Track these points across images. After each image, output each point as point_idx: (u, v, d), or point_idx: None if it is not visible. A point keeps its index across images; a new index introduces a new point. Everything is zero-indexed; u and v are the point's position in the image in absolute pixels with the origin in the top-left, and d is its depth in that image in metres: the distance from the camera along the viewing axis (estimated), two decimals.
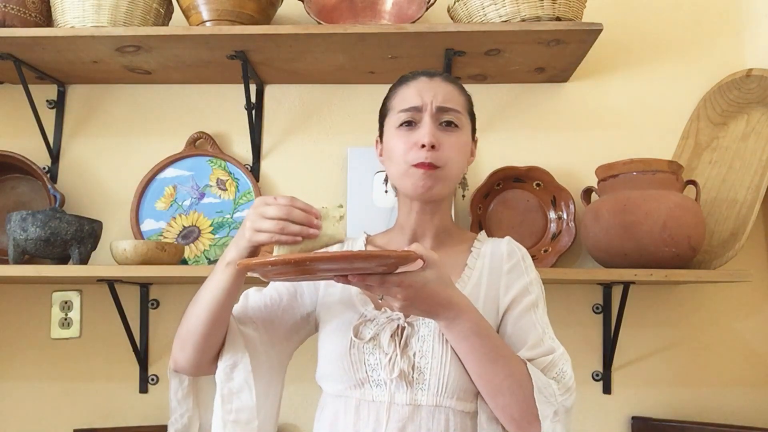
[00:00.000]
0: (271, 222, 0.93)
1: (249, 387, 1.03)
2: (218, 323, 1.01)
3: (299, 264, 0.85)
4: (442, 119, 1.09)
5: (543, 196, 1.68)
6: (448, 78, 1.15)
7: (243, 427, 1.02)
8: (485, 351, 0.96)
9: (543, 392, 0.96)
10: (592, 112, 1.75)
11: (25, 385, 1.72)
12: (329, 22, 1.60)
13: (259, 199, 0.97)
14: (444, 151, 1.07)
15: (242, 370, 1.03)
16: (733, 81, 1.67)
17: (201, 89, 1.81)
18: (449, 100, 1.10)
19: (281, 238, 0.93)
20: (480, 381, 0.97)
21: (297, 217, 0.94)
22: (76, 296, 1.73)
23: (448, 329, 0.96)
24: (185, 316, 1.03)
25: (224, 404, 1.02)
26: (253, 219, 0.95)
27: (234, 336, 1.05)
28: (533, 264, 1.13)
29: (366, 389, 1.02)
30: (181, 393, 1.08)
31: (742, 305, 1.68)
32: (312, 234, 0.94)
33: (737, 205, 1.56)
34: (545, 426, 0.94)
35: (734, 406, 1.65)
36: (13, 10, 1.57)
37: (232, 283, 0.98)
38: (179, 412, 1.09)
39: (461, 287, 1.07)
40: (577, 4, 1.52)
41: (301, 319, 1.13)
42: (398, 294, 0.90)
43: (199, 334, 1.01)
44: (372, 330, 1.03)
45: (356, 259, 0.85)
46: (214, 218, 1.73)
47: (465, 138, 1.12)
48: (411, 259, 0.88)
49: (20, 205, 1.74)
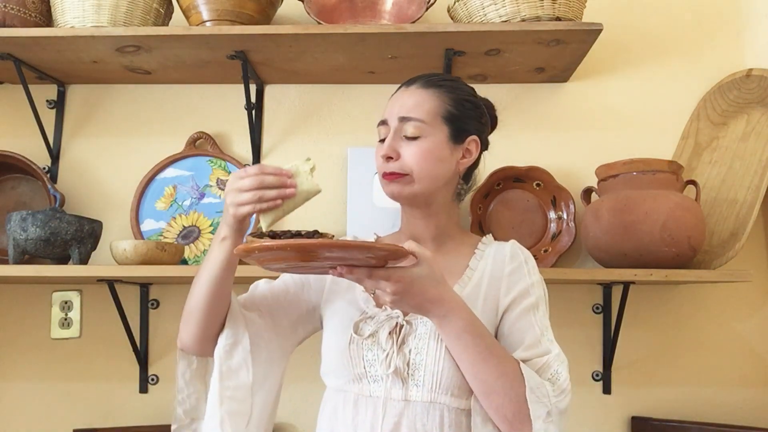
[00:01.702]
0: (248, 194, 0.97)
1: (247, 367, 1.08)
2: (218, 298, 1.05)
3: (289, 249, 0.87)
4: (404, 131, 1.10)
5: (543, 196, 1.68)
6: (428, 83, 1.14)
7: (239, 404, 1.06)
8: (478, 350, 0.97)
9: (535, 392, 0.96)
10: (592, 112, 1.75)
11: (25, 385, 1.72)
12: (329, 22, 1.60)
13: (232, 175, 1.02)
14: (405, 159, 1.09)
15: (241, 350, 1.08)
16: (733, 81, 1.67)
17: (201, 89, 1.81)
18: (413, 110, 1.10)
19: (261, 206, 0.98)
20: (473, 380, 0.98)
21: (270, 182, 0.98)
22: (76, 296, 1.73)
23: (441, 327, 0.98)
24: (188, 296, 1.08)
25: (222, 381, 1.06)
26: (231, 196, 0.99)
27: (235, 316, 1.09)
28: (537, 268, 1.13)
29: (364, 384, 1.05)
30: (189, 374, 1.13)
31: (742, 305, 1.68)
32: (289, 194, 0.99)
33: (737, 205, 1.56)
34: (537, 426, 0.95)
35: (734, 406, 1.65)
36: (13, 10, 1.57)
37: (227, 257, 1.03)
38: (186, 392, 1.13)
39: (461, 287, 1.09)
40: (577, 4, 1.52)
41: (306, 313, 1.17)
42: (387, 288, 0.92)
43: (200, 310, 1.05)
44: (371, 327, 1.06)
45: (346, 248, 0.88)
46: (214, 218, 1.73)
47: (428, 145, 1.09)
48: (400, 253, 0.90)
49: (20, 205, 1.74)
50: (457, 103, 1.14)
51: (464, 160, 1.15)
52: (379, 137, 1.14)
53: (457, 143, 1.13)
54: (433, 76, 1.17)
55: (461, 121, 1.14)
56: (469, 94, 1.18)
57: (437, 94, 1.13)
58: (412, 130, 1.09)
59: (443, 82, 1.15)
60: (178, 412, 1.13)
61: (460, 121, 1.13)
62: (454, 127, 1.12)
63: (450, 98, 1.13)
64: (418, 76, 1.17)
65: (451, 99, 1.13)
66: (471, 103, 1.16)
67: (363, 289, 1.11)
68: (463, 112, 1.14)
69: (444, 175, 1.12)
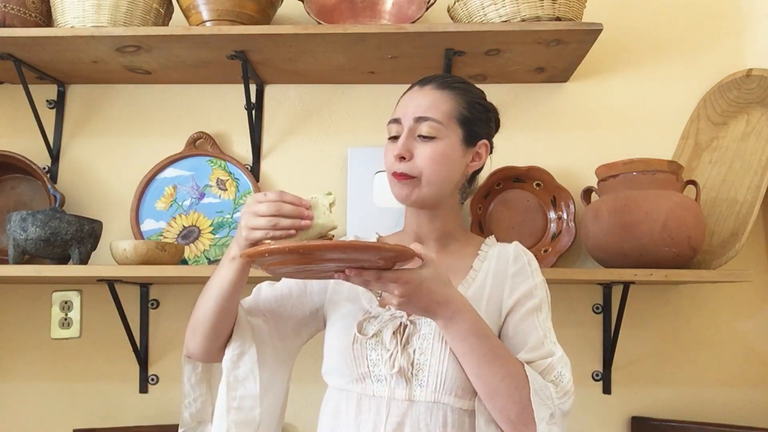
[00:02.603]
0: (264, 219, 0.97)
1: (254, 376, 1.08)
2: (225, 314, 1.06)
3: (296, 252, 0.86)
4: (419, 130, 1.09)
5: (543, 196, 1.68)
6: (443, 84, 1.13)
7: (245, 414, 1.07)
8: (483, 352, 0.97)
9: (539, 394, 0.96)
10: (592, 112, 1.75)
11: (25, 385, 1.72)
12: (329, 22, 1.60)
13: (251, 197, 1.01)
14: (417, 161, 1.08)
15: (248, 360, 1.08)
16: (733, 81, 1.67)
17: (201, 89, 1.81)
18: (429, 110, 1.09)
19: (275, 233, 0.97)
20: (478, 382, 0.98)
21: (287, 211, 0.97)
22: (76, 296, 1.73)
23: (446, 329, 0.98)
24: (195, 306, 1.08)
25: (229, 391, 1.07)
26: (246, 218, 0.99)
27: (242, 327, 1.09)
28: (540, 269, 1.13)
29: (367, 384, 1.04)
30: (195, 378, 1.14)
31: (742, 305, 1.68)
32: (304, 225, 0.98)
33: (737, 205, 1.56)
34: (541, 428, 0.95)
35: (734, 406, 1.65)
36: (13, 10, 1.57)
37: (236, 276, 1.03)
38: (192, 396, 1.14)
39: (465, 288, 1.09)
40: (577, 4, 1.52)
41: (310, 314, 1.17)
42: (395, 290, 0.92)
43: (207, 324, 1.06)
44: (375, 326, 1.06)
45: (354, 249, 0.87)
46: (214, 218, 1.73)
47: (443, 147, 1.09)
48: (408, 255, 0.90)
49: (20, 205, 1.74)
50: (470, 106, 1.13)
51: (473, 164, 1.15)
52: (390, 134, 1.13)
53: (469, 146, 1.13)
54: (447, 77, 1.16)
55: (474, 124, 1.13)
56: (480, 97, 1.17)
57: (452, 96, 1.12)
58: (427, 129, 1.09)
59: (457, 85, 1.15)
60: (185, 416, 1.14)
61: (473, 124, 1.13)
62: (467, 130, 1.12)
63: (464, 101, 1.13)
64: (432, 76, 1.16)
65: (465, 101, 1.13)
66: (482, 107, 1.16)
67: (365, 289, 1.11)
68: (476, 116, 1.14)
69: (453, 179, 1.12)
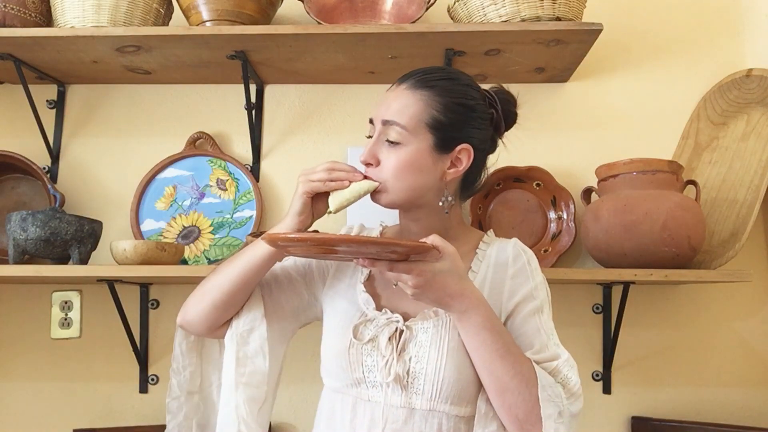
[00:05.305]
0: (322, 172, 1.05)
1: (264, 354, 1.10)
2: (244, 287, 1.09)
3: (320, 244, 0.93)
4: (386, 134, 1.05)
5: (543, 196, 1.68)
6: (420, 83, 1.06)
7: (254, 390, 1.08)
8: (496, 347, 0.97)
9: (547, 390, 0.96)
10: (592, 112, 1.75)
11: (25, 385, 1.72)
12: (329, 22, 1.60)
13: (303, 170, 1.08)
14: (383, 167, 1.05)
15: (258, 337, 1.10)
16: (733, 81, 1.67)
17: (201, 89, 1.81)
18: (397, 113, 1.04)
19: (331, 185, 1.04)
20: (488, 377, 0.98)
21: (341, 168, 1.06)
22: (76, 296, 1.73)
23: (460, 322, 0.98)
24: (213, 273, 1.11)
25: (238, 367, 1.08)
26: (303, 177, 1.06)
27: (254, 303, 1.11)
28: (539, 267, 1.12)
29: (362, 389, 1.04)
30: (186, 345, 1.16)
31: (742, 305, 1.68)
32: (357, 177, 1.05)
33: (737, 205, 1.56)
34: (547, 425, 0.95)
35: (734, 406, 1.65)
36: (13, 10, 1.57)
37: (268, 255, 1.06)
38: (182, 363, 1.16)
39: None
40: (577, 4, 1.52)
41: (308, 301, 1.18)
42: (409, 281, 0.93)
43: (223, 291, 1.08)
44: (371, 331, 1.05)
45: (369, 244, 0.91)
46: (214, 218, 1.73)
47: (408, 154, 1.03)
48: (422, 249, 0.91)
49: (20, 205, 1.74)
50: (446, 109, 1.05)
51: (451, 171, 1.07)
52: (367, 134, 1.11)
53: (442, 152, 1.05)
54: (427, 73, 1.08)
55: (450, 128, 1.05)
56: (464, 96, 1.07)
57: (425, 98, 1.05)
58: (394, 135, 1.04)
59: (436, 83, 1.06)
60: (173, 383, 1.15)
61: (447, 128, 1.05)
62: (439, 136, 1.04)
63: (439, 103, 1.05)
64: (414, 71, 1.10)
65: (440, 104, 1.05)
66: (465, 108, 1.07)
67: (364, 289, 1.11)
68: (453, 119, 1.05)
69: (424, 186, 1.05)
